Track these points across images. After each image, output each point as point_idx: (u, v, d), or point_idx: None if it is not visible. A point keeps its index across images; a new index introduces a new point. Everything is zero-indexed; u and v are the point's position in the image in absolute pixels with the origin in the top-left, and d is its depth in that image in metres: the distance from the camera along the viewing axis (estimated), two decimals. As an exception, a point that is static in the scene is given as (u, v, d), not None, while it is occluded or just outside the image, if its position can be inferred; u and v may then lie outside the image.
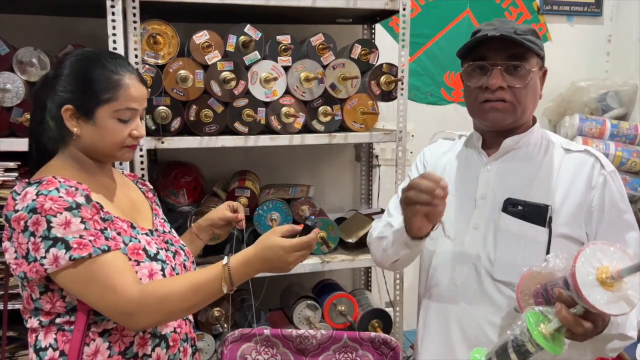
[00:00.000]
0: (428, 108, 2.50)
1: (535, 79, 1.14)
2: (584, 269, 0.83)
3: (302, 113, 1.82)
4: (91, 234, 0.98)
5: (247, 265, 1.04)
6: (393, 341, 1.48)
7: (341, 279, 2.32)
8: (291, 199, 2.01)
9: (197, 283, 1.02)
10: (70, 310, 1.02)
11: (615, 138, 2.50)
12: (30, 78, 1.61)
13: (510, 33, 1.09)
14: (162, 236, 1.18)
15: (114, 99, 1.04)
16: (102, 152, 1.09)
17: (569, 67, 2.65)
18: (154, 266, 1.07)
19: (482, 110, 1.16)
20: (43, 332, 1.03)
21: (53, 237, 0.95)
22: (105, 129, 1.05)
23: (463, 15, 2.51)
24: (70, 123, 1.05)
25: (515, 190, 1.15)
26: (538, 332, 0.86)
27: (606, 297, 0.81)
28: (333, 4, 1.78)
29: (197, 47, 1.69)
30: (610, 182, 1.13)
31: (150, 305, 0.98)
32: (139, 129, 1.09)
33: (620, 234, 1.11)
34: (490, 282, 1.14)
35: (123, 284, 0.97)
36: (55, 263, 0.95)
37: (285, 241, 1.05)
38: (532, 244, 1.11)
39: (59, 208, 0.96)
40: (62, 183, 0.99)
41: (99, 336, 1.03)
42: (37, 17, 1.91)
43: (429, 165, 1.33)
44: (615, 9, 2.68)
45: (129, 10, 1.60)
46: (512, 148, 1.18)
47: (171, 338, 1.11)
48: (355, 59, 1.87)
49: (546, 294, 0.92)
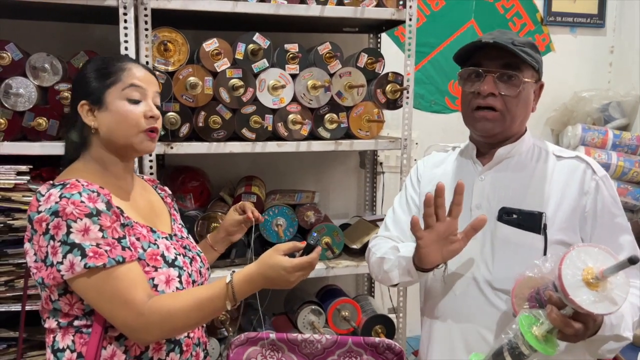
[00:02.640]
0: (432, 116, 2.52)
1: (528, 91, 1.16)
2: (569, 271, 0.85)
3: (309, 120, 1.85)
4: (108, 243, 0.99)
5: (250, 282, 1.06)
6: (397, 346, 1.50)
7: (345, 284, 2.34)
8: (297, 204, 2.03)
9: (201, 300, 1.03)
10: (88, 313, 1.04)
11: (618, 148, 2.52)
12: (42, 83, 1.64)
13: (507, 43, 1.12)
14: (180, 241, 1.20)
15: (118, 80, 1.09)
16: (120, 139, 1.10)
17: (572, 78, 2.68)
18: (171, 272, 1.09)
19: (473, 119, 1.19)
20: (61, 333, 1.05)
21: (71, 242, 0.97)
22: (117, 112, 1.08)
23: (467, 26, 2.54)
24: (87, 119, 1.09)
25: (510, 199, 1.16)
26: (531, 334, 0.88)
27: (592, 297, 0.84)
28: (341, 13, 1.81)
29: (207, 54, 1.72)
30: (602, 187, 1.14)
31: (155, 322, 1.00)
32: (152, 109, 1.11)
33: (615, 237, 1.12)
34: (490, 291, 1.15)
35: (133, 299, 0.99)
36: (71, 270, 0.97)
37: (287, 261, 1.06)
38: (529, 251, 1.12)
39: (79, 214, 0.98)
40: (85, 187, 1.01)
41: (115, 340, 1.05)
42: (50, 23, 1.94)
43: (423, 179, 1.34)
44: (618, 20, 2.71)
45: (140, 18, 1.63)
46: (505, 157, 1.20)
47: (185, 343, 1.13)
48: (361, 67, 1.90)
49: (539, 298, 0.94)
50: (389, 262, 1.22)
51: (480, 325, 1.15)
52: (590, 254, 0.87)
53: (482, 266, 1.16)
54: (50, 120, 1.64)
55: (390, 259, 1.22)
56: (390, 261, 1.22)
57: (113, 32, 1.64)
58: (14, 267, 1.56)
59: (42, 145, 1.61)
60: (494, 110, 1.15)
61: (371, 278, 2.42)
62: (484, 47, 1.14)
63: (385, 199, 2.39)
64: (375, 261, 1.29)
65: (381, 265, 1.26)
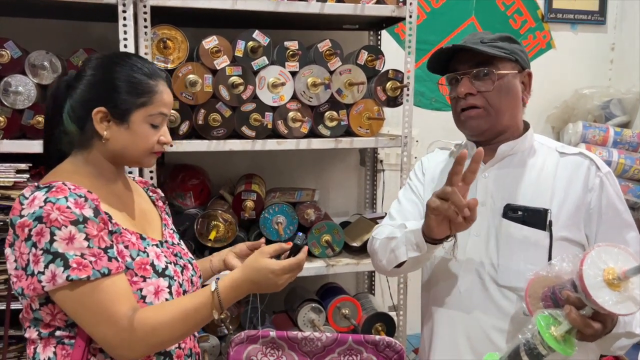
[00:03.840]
0: (433, 114, 2.52)
1: (509, 82, 1.16)
2: (591, 271, 0.85)
3: (309, 118, 1.84)
4: (93, 254, 0.94)
5: (236, 289, 1.02)
6: (397, 344, 1.49)
7: (345, 282, 2.33)
8: (297, 202, 2.03)
9: (186, 311, 0.98)
10: (70, 324, 0.98)
11: (618, 145, 2.52)
12: (42, 81, 1.64)
13: (474, 43, 1.14)
14: (171, 248, 1.14)
15: (149, 103, 1.04)
16: (130, 157, 1.07)
17: (573, 75, 2.67)
18: (160, 282, 1.03)
19: (460, 122, 1.21)
20: (42, 345, 1.00)
21: (54, 251, 0.91)
22: (138, 134, 1.04)
23: (468, 23, 2.53)
24: (100, 126, 1.02)
25: (514, 196, 1.16)
26: (549, 334, 0.88)
27: (614, 298, 0.83)
28: (341, 10, 1.80)
29: (206, 52, 1.72)
30: (607, 183, 1.14)
31: (139, 338, 0.95)
32: (166, 135, 1.09)
33: (621, 234, 1.12)
34: (495, 288, 1.14)
35: (116, 313, 0.94)
36: (53, 281, 0.91)
37: (274, 263, 1.02)
38: (534, 248, 1.11)
39: (64, 220, 0.91)
40: (72, 191, 0.95)
41: (99, 352, 0.99)
42: (49, 21, 1.93)
43: (427, 173, 1.34)
44: (619, 17, 2.70)
45: (140, 15, 1.62)
46: (508, 154, 1.20)
47: (175, 354, 1.08)
48: (361, 65, 1.89)
49: (554, 297, 0.93)
50: (396, 240, 1.19)
51: (485, 323, 1.15)
52: (610, 254, 0.86)
53: (486, 263, 1.16)
54: (49, 118, 1.63)
55: (397, 237, 1.18)
56: (396, 239, 1.18)
57: (112, 30, 1.63)
58: (14, 266, 1.56)
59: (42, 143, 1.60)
60: (476, 108, 1.16)
61: (372, 276, 2.42)
62: (453, 53, 1.18)
63: (385, 196, 2.39)
64: (381, 243, 1.25)
65: (388, 244, 1.21)
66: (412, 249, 1.14)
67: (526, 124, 1.25)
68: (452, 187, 1.00)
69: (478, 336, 1.16)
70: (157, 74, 1.07)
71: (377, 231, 1.33)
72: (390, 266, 1.22)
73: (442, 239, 1.08)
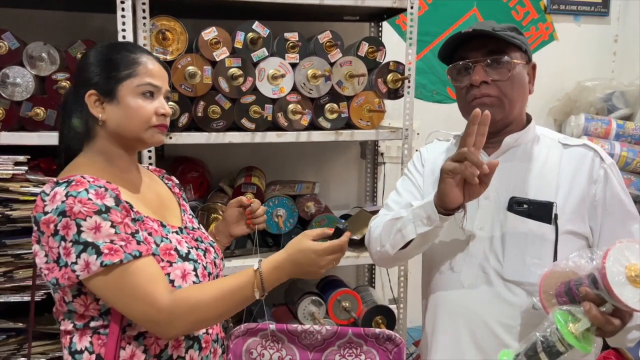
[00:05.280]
0: (434, 106, 2.50)
1: (520, 72, 1.15)
2: (614, 269, 0.84)
3: (309, 110, 1.83)
4: (122, 239, 0.96)
5: (279, 270, 1.02)
6: (397, 337, 1.49)
7: (345, 275, 2.33)
8: (297, 195, 2.02)
9: (228, 290, 1.00)
10: (104, 313, 1.01)
11: (621, 138, 2.50)
12: (40, 72, 1.62)
13: (487, 29, 1.11)
14: (191, 233, 1.16)
15: (134, 75, 1.04)
16: (130, 134, 1.06)
17: (576, 67, 2.65)
18: (186, 266, 1.05)
19: (471, 109, 1.13)
20: (78, 335, 1.02)
21: (83, 241, 0.93)
22: (129, 107, 1.04)
23: (470, 14, 2.51)
24: (95, 110, 1.04)
25: (518, 189, 1.15)
26: (568, 332, 0.87)
27: (637, 295, 0.83)
28: (341, 1, 1.79)
29: (206, 43, 1.70)
30: (611, 175, 1.13)
31: (180, 315, 0.96)
32: (164, 106, 1.07)
33: (626, 225, 1.11)
34: (501, 282, 1.13)
35: (154, 292, 0.95)
36: (87, 269, 0.93)
37: (317, 245, 1.03)
38: (540, 242, 1.10)
39: (88, 211, 0.94)
40: (92, 183, 0.97)
41: (134, 339, 1.02)
42: (47, 12, 1.92)
43: (427, 164, 1.31)
44: (623, 9, 2.68)
45: (138, 6, 1.61)
46: (512, 146, 1.18)
47: (203, 340, 1.10)
48: (362, 56, 1.88)
49: (570, 293, 0.92)
50: (402, 220, 1.15)
51: (490, 318, 1.13)
52: (632, 250, 0.86)
53: (491, 257, 1.14)
54: (48, 110, 1.62)
55: (403, 216, 1.15)
56: (402, 218, 1.15)
57: (111, 21, 1.62)
58: (13, 258, 1.56)
59: (40, 135, 1.60)
60: (490, 97, 1.14)
61: (372, 269, 2.42)
62: (465, 39, 1.13)
63: (386, 189, 2.38)
64: (385, 225, 1.21)
65: (394, 225, 1.17)
66: (421, 224, 1.10)
67: (528, 116, 1.23)
68: (467, 148, 0.99)
69: (482, 331, 1.14)
70: (139, 49, 1.08)
71: (374, 222, 1.30)
72: (395, 249, 1.17)
73: (454, 209, 1.05)
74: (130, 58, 1.05)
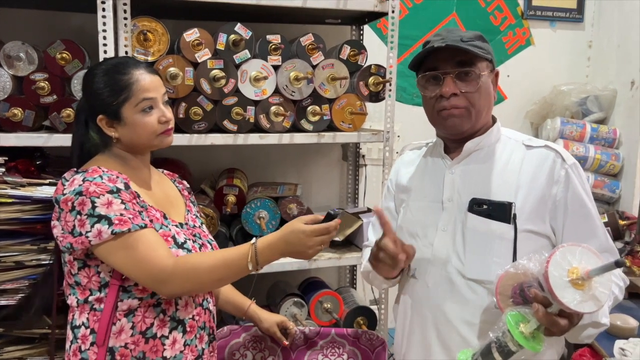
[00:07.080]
0: (414, 109, 2.53)
1: (486, 82, 1.17)
2: (556, 272, 0.88)
3: (291, 112, 1.84)
4: (130, 213, 1.10)
5: (272, 246, 1.13)
6: (379, 337, 1.51)
7: (327, 276, 2.34)
8: (279, 197, 2.03)
9: (226, 259, 1.12)
10: (103, 286, 1.13)
11: (595, 141, 2.57)
12: (17, 72, 1.60)
13: (456, 42, 1.13)
14: (191, 230, 1.26)
15: (131, 96, 1.16)
16: (142, 145, 1.21)
17: (551, 71, 2.72)
18: (179, 253, 1.15)
19: (440, 119, 1.19)
20: (78, 311, 1.16)
21: (97, 214, 1.07)
22: (135, 125, 1.17)
23: (450, 18, 2.56)
24: (108, 130, 1.18)
25: (480, 190, 1.17)
26: (518, 332, 0.91)
27: (578, 297, 0.87)
28: (324, 4, 1.80)
29: (188, 44, 1.70)
30: (573, 175, 1.14)
31: (182, 273, 1.09)
32: (165, 113, 1.19)
33: (587, 225, 1.13)
34: (462, 281, 1.15)
35: (158, 254, 1.08)
36: (99, 236, 1.07)
37: (306, 226, 1.12)
38: (500, 241, 1.12)
39: (101, 191, 1.08)
40: (105, 172, 1.13)
41: (124, 316, 1.13)
42: (25, 10, 1.89)
43: (392, 185, 1.38)
44: (597, 15, 2.75)
45: (119, 7, 1.60)
46: (474, 150, 1.21)
47: (188, 324, 1.19)
48: (344, 59, 1.89)
49: (523, 294, 0.96)
50: (370, 274, 1.32)
51: (453, 316, 1.16)
52: (574, 254, 0.89)
53: (454, 257, 1.17)
54: (25, 110, 1.60)
55: (370, 271, 1.29)
56: (370, 272, 1.29)
57: (91, 21, 1.60)
58: (-8, 260, 1.53)
59: (18, 136, 1.58)
60: (458, 108, 1.16)
61: (353, 270, 2.44)
62: (435, 51, 1.16)
63: (367, 191, 2.40)
64: (363, 275, 1.40)
65: (367, 277, 1.37)
66: (382, 282, 1.30)
67: (493, 118, 1.26)
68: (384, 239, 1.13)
69: (447, 330, 1.17)
70: (127, 67, 1.18)
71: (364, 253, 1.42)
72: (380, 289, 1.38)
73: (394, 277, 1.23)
74: (123, 81, 1.16)
